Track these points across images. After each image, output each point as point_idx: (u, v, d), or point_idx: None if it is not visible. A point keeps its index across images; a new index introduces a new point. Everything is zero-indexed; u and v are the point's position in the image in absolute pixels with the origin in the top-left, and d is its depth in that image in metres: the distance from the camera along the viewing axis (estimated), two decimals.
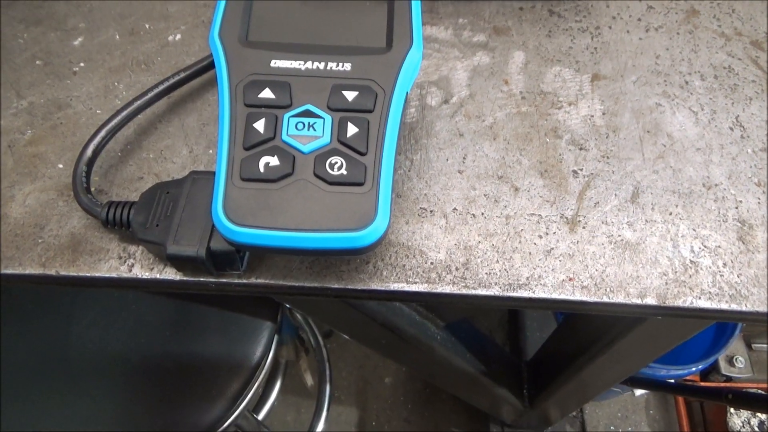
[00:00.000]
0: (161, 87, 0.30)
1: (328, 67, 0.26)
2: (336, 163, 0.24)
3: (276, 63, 0.26)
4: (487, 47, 0.34)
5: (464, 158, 0.30)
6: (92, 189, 0.29)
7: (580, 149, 0.31)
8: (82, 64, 0.34)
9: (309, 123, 0.25)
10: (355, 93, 0.25)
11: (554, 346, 0.76)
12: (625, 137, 0.31)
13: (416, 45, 0.27)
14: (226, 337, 0.61)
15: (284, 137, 0.24)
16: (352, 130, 0.25)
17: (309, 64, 0.26)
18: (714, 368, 0.91)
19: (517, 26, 0.35)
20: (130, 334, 0.59)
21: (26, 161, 0.30)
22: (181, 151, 0.31)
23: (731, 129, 0.31)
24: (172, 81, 0.31)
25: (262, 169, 0.24)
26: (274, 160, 0.24)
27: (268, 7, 0.27)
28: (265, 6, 0.27)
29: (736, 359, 0.90)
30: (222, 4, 0.27)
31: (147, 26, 0.35)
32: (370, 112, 0.25)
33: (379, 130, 0.25)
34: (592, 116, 0.32)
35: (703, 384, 0.93)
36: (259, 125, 0.25)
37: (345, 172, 0.24)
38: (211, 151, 0.31)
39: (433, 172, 0.30)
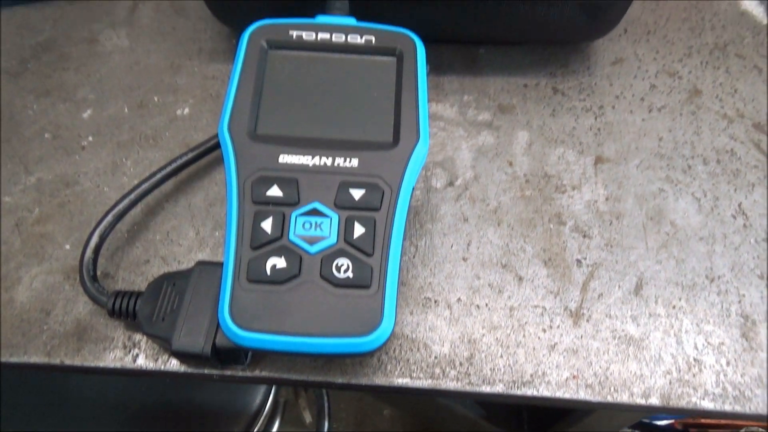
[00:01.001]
0: (168, 169, 0.31)
1: (336, 163, 0.26)
2: (342, 265, 0.24)
3: (284, 158, 0.26)
4: (492, 126, 0.35)
5: (468, 245, 0.30)
6: (98, 272, 0.29)
7: (584, 237, 0.31)
8: (90, 138, 0.34)
9: (316, 222, 0.25)
10: (362, 191, 0.25)
11: None
12: (628, 224, 0.31)
13: (422, 140, 0.27)
14: (226, 386, 0.60)
15: (291, 237, 0.25)
16: (358, 230, 0.25)
17: (317, 160, 0.26)
18: None
19: (522, 104, 0.36)
20: (129, 383, 0.59)
21: (33, 241, 0.31)
22: (187, 233, 0.31)
23: (734, 217, 0.31)
24: (178, 162, 0.31)
25: (269, 272, 0.24)
26: (281, 262, 0.24)
27: (278, 98, 0.28)
28: (274, 97, 0.28)
29: None
30: (232, 94, 0.28)
31: (156, 99, 0.36)
32: (376, 210, 0.25)
33: (385, 229, 0.25)
34: (596, 201, 0.32)
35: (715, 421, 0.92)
36: (267, 224, 0.25)
37: (351, 275, 0.24)
38: (217, 233, 0.31)
39: (437, 260, 0.30)
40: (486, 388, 0.27)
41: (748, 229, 0.31)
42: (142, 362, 0.27)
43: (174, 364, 0.27)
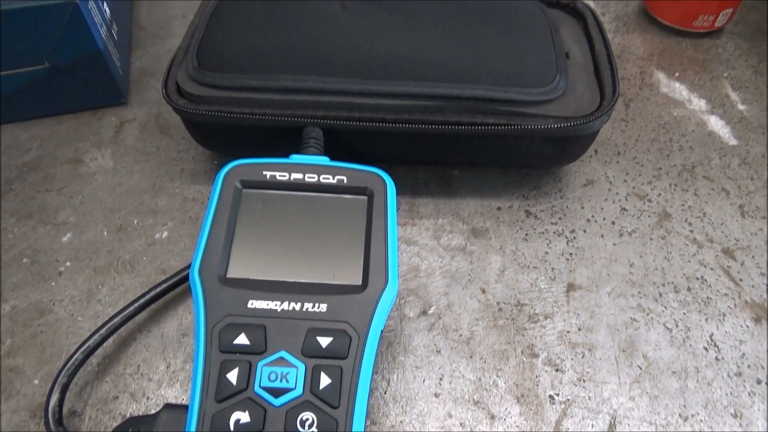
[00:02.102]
0: (141, 301, 0.31)
1: (305, 308, 0.26)
2: (307, 420, 0.24)
3: (253, 304, 0.26)
4: (465, 251, 0.35)
5: (441, 379, 0.30)
6: (65, 410, 0.28)
7: (557, 370, 0.31)
8: (68, 264, 0.35)
9: (282, 373, 0.25)
10: (330, 339, 0.26)
11: None
12: (600, 357, 0.31)
13: (391, 283, 0.27)
14: None
15: (256, 389, 0.24)
16: (324, 381, 0.25)
17: (285, 305, 0.26)
18: None
19: (495, 228, 0.36)
20: None
21: (2, 375, 0.30)
22: (158, 367, 0.31)
23: (706, 350, 0.31)
24: (152, 294, 0.31)
25: (232, 427, 0.24)
26: (245, 416, 0.24)
27: (250, 240, 0.28)
28: (246, 239, 0.28)
29: None
30: (205, 235, 0.28)
31: (135, 222, 0.36)
32: (343, 359, 0.25)
33: (351, 379, 0.25)
34: (568, 332, 0.32)
35: None
36: (232, 375, 0.25)
37: (316, 430, 0.24)
38: (188, 366, 0.31)
39: (409, 395, 0.30)
40: None
41: (720, 362, 0.31)
42: None
43: None
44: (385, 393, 0.30)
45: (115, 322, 0.30)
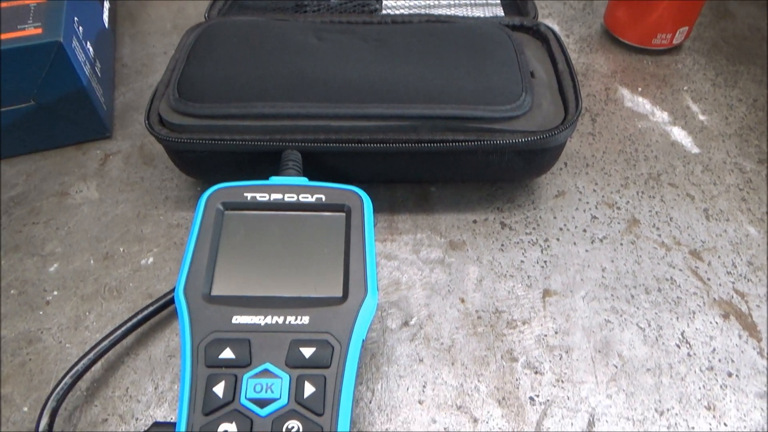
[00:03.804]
0: (128, 325, 0.32)
1: (287, 321, 0.27)
2: (293, 428, 0.25)
3: (237, 319, 0.27)
4: (444, 263, 0.36)
5: (424, 386, 0.31)
6: None
7: (536, 373, 0.32)
8: (55, 293, 0.35)
9: (267, 384, 0.26)
10: (313, 349, 0.26)
11: None
12: (577, 358, 0.32)
13: (371, 293, 0.28)
14: None
15: (242, 401, 0.25)
16: (309, 389, 0.26)
17: (269, 319, 0.27)
18: None
19: (472, 240, 0.38)
20: None
21: None
22: (146, 388, 0.31)
23: (678, 346, 0.33)
24: (138, 317, 0.32)
25: None
26: (232, 427, 0.25)
27: (233, 259, 0.29)
28: (229, 258, 0.29)
29: None
30: (189, 256, 0.29)
31: (121, 249, 0.37)
32: (326, 368, 0.26)
33: (335, 387, 0.26)
34: (546, 336, 0.33)
35: None
36: (219, 389, 0.25)
37: None
38: (176, 386, 0.31)
39: (394, 404, 0.31)
40: None
41: (693, 358, 0.32)
42: None
43: None
44: (370, 402, 0.31)
45: (103, 346, 0.31)
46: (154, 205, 0.40)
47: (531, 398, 0.31)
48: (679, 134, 0.45)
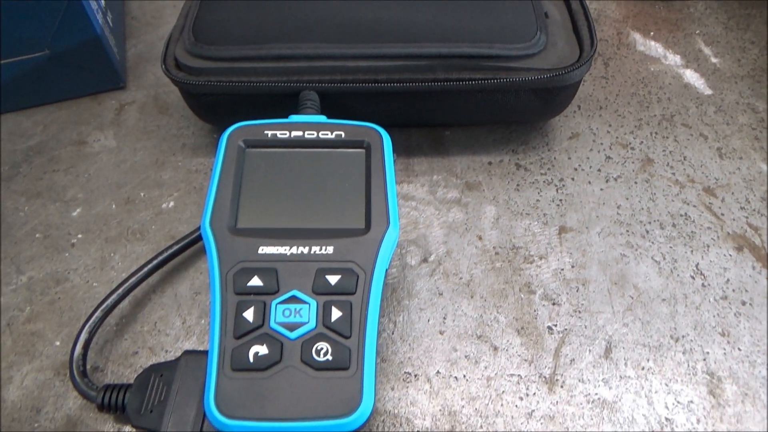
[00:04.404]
0: (154, 262, 0.32)
1: (312, 251, 0.28)
2: (322, 349, 0.25)
3: (263, 249, 0.28)
4: (461, 203, 0.37)
5: (444, 318, 0.32)
6: (88, 367, 0.30)
7: (554, 304, 0.32)
8: (80, 236, 0.36)
9: (295, 309, 0.26)
10: (338, 277, 0.27)
11: None
12: (594, 290, 0.33)
13: (392, 225, 0.29)
14: None
15: (272, 324, 0.26)
16: (336, 314, 0.26)
17: (294, 249, 0.28)
18: None
19: (487, 181, 0.38)
20: None
21: (24, 340, 0.32)
22: (174, 323, 0.32)
23: (692, 278, 0.33)
24: (164, 255, 0.33)
25: (251, 359, 0.25)
26: (263, 349, 0.25)
27: (256, 193, 0.30)
28: (252, 193, 0.30)
29: None
30: (213, 191, 0.29)
31: (142, 194, 0.38)
32: (352, 294, 0.27)
33: (361, 311, 0.26)
34: (562, 269, 0.34)
35: None
36: (249, 314, 0.26)
37: (330, 358, 0.25)
38: (203, 321, 0.32)
39: (416, 334, 0.31)
40: None
41: (707, 288, 0.33)
42: None
43: None
44: (393, 333, 0.31)
45: (131, 283, 0.31)
46: (171, 152, 0.40)
47: (549, 327, 0.32)
48: (691, 77, 0.45)
